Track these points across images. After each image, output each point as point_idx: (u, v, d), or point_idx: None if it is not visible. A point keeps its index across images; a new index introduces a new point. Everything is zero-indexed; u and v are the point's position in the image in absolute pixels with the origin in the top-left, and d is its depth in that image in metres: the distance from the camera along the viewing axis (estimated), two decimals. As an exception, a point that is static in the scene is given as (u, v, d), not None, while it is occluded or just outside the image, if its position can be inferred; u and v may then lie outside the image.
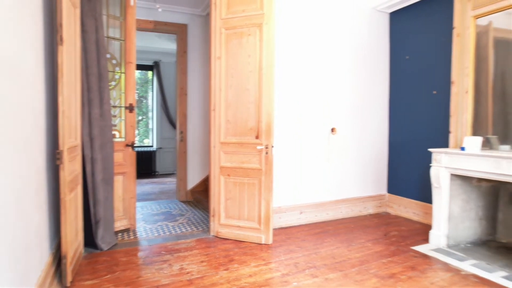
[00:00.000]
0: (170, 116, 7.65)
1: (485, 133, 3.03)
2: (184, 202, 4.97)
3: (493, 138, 2.92)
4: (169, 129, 7.74)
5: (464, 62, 3.14)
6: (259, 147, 3.14)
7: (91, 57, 2.88)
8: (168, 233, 3.50)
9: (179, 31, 4.89)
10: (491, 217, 3.26)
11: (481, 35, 3.08)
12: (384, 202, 4.43)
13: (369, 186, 4.34)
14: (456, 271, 2.63)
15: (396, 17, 4.28)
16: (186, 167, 5.05)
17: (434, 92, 3.77)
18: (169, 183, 6.69)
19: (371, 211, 4.33)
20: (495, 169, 2.63)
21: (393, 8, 4.24)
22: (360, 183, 4.28)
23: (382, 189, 4.44)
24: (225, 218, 3.33)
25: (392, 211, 4.34)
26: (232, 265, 2.72)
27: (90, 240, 2.98)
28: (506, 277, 2.50)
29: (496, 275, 2.53)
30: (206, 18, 4.95)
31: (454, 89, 3.23)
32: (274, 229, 3.56)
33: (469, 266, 2.71)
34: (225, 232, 3.32)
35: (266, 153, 3.13)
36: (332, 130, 3.99)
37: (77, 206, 2.69)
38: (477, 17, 3.05)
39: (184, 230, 3.62)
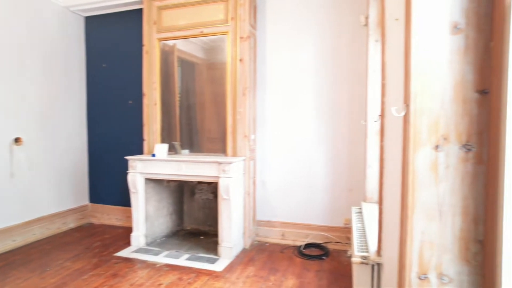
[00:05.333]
0: None
1: (174, 140, 3.54)
2: None
3: (177, 144, 3.48)
4: None
5: (153, 77, 3.54)
6: None
7: None
8: None
9: None
10: (179, 210, 3.88)
11: (169, 53, 3.56)
12: (87, 212, 4.25)
13: (69, 198, 4.02)
14: (153, 266, 2.91)
15: (93, 22, 4.20)
16: None
17: (130, 102, 4.01)
18: None
19: (73, 225, 4.03)
20: (178, 170, 3.15)
21: (88, 13, 4.13)
22: (57, 196, 3.87)
23: (84, 199, 4.24)
24: None
25: (96, 221, 4.24)
26: None
27: None
28: (188, 258, 3.05)
29: (182, 259, 3.03)
30: None
31: (145, 101, 3.56)
32: None
33: (162, 257, 3.08)
34: None
35: None
36: (17, 140, 3.37)
37: None
38: (161, 40, 3.51)
39: None
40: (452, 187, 0.94)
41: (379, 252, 1.68)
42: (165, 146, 3.35)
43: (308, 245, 3.33)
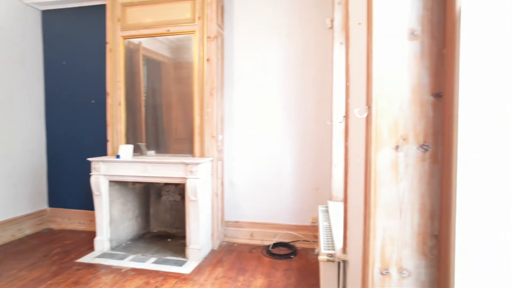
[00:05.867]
0: None
1: (140, 141, 3.44)
2: None
3: (142, 145, 3.39)
4: None
5: (117, 76, 3.42)
6: None
7: None
8: None
9: None
10: (145, 213, 3.78)
11: (134, 52, 3.45)
12: (46, 217, 4.03)
13: (24, 203, 3.79)
14: (118, 271, 2.82)
15: (50, 17, 3.99)
16: None
17: (93, 101, 3.85)
18: None
19: (29, 231, 3.81)
20: (143, 172, 3.07)
21: (45, 6, 3.92)
22: (11, 201, 3.64)
23: (42, 204, 4.02)
24: None
25: (56, 226, 4.04)
26: None
27: None
28: (155, 262, 2.98)
29: (149, 263, 2.96)
30: None
31: (109, 100, 3.44)
32: None
33: (128, 262, 2.99)
34: None
35: None
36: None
37: None
38: (126, 37, 3.40)
39: None
40: (411, 186, 0.99)
41: (344, 249, 1.73)
42: (130, 147, 3.25)
43: (276, 245, 3.37)
